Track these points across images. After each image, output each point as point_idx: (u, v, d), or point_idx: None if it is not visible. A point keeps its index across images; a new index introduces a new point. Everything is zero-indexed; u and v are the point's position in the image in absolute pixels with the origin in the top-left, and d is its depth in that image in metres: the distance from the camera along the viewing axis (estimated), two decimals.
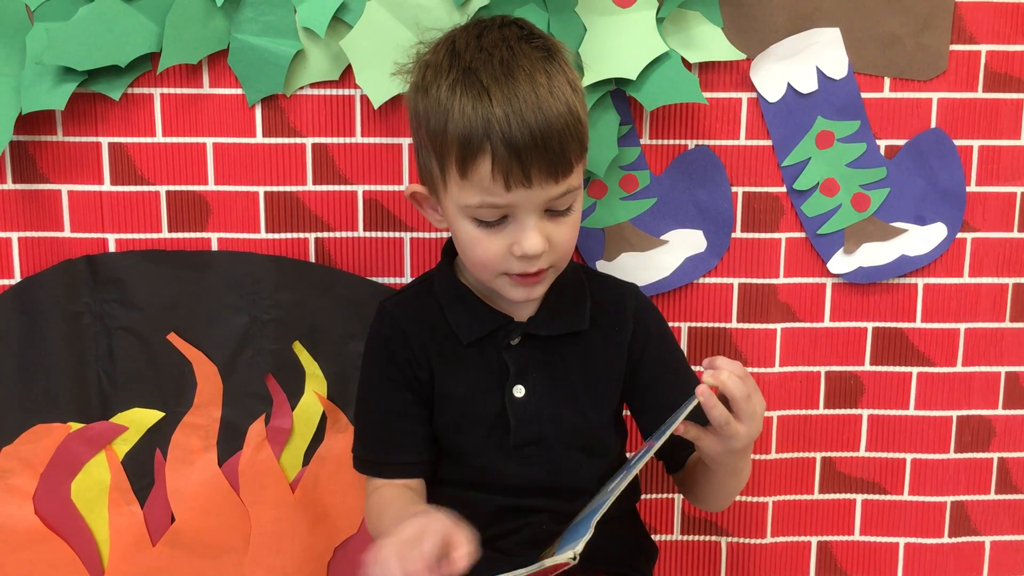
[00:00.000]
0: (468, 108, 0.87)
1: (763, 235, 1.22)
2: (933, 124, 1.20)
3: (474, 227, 0.92)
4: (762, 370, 1.25)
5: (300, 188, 1.19)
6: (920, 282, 1.24)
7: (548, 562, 0.82)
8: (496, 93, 0.87)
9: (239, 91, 1.16)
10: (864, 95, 1.19)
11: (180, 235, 1.19)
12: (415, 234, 1.21)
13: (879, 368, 1.26)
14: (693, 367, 1.24)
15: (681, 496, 1.29)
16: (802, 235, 1.22)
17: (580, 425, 1.01)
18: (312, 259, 1.20)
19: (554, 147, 0.87)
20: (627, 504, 1.06)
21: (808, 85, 1.18)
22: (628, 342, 1.02)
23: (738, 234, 1.22)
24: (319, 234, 1.20)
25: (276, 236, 1.20)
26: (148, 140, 1.17)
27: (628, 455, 1.05)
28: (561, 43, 0.95)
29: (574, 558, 0.81)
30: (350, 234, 1.20)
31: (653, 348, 1.03)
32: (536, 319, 1.01)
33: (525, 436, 1.00)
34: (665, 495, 1.29)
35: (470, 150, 0.87)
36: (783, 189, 1.21)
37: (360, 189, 1.19)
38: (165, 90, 1.15)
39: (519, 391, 1.00)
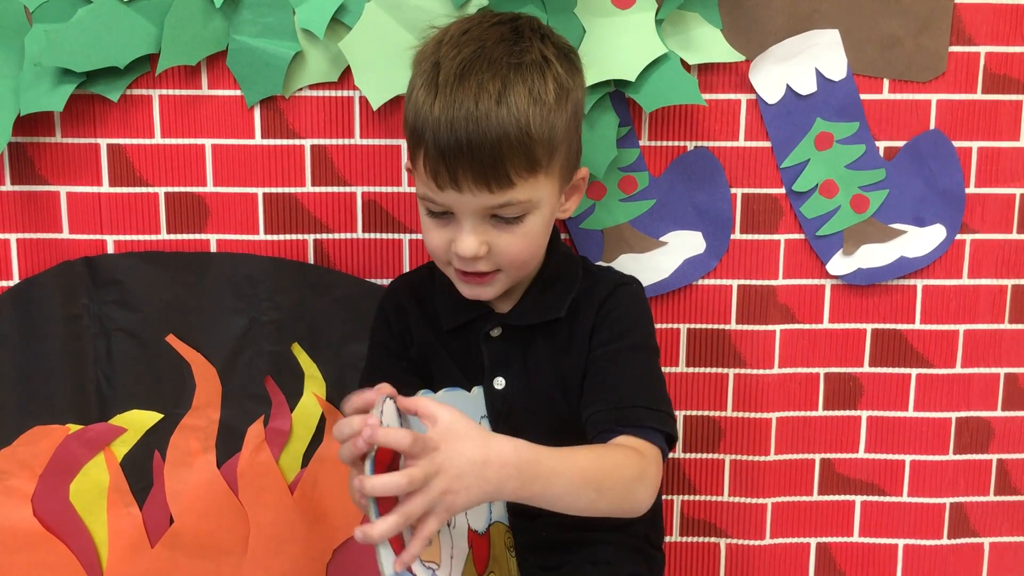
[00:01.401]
0: (419, 103, 0.90)
1: (762, 236, 1.22)
2: (932, 125, 1.20)
3: (426, 214, 0.95)
4: (761, 371, 1.25)
5: (299, 189, 1.19)
6: (919, 284, 1.24)
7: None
8: (442, 95, 0.88)
9: (238, 92, 1.16)
10: (863, 96, 1.19)
11: (179, 236, 1.19)
12: (414, 235, 1.21)
13: (878, 369, 1.26)
14: (697, 368, 1.25)
15: (680, 497, 1.29)
16: (801, 236, 1.22)
17: (556, 419, 1.00)
18: (311, 260, 1.20)
19: (483, 158, 0.87)
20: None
21: (807, 87, 1.18)
22: (589, 330, 1.00)
23: (737, 235, 1.22)
24: (318, 235, 1.20)
25: (275, 237, 1.19)
26: (147, 141, 1.17)
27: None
28: (559, 56, 0.93)
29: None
30: (349, 235, 1.20)
31: (605, 331, 0.99)
32: (516, 310, 1.01)
33: (503, 429, 0.98)
34: (664, 496, 1.28)
35: (413, 142, 0.92)
36: (782, 190, 1.21)
37: (359, 191, 1.19)
38: (164, 91, 1.15)
39: (499, 383, 1.00)
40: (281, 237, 1.20)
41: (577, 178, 0.99)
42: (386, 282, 1.21)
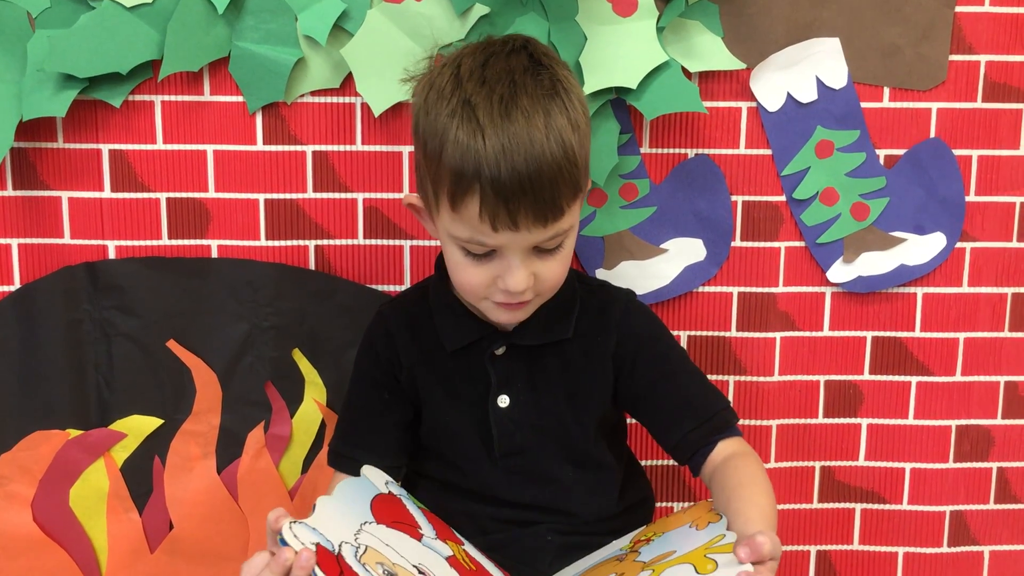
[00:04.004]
0: (462, 145, 0.85)
1: (762, 244, 1.22)
2: (932, 134, 1.20)
3: (462, 255, 0.92)
4: (761, 379, 1.25)
5: (300, 196, 1.19)
6: (919, 291, 1.24)
7: None
8: (490, 134, 0.84)
9: (240, 99, 1.16)
10: (863, 105, 1.19)
11: (180, 242, 1.19)
12: (415, 242, 1.21)
13: (878, 377, 1.26)
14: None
15: (681, 505, 1.29)
16: (801, 244, 1.22)
17: (562, 436, 1.01)
18: (312, 267, 1.20)
19: (544, 195, 0.86)
20: (642, 515, 1.07)
21: (808, 95, 1.18)
22: (612, 352, 1.00)
23: (738, 243, 1.22)
24: (319, 241, 1.20)
25: (276, 243, 1.20)
26: (149, 147, 1.17)
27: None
28: (568, 73, 0.92)
29: None
30: (350, 242, 1.20)
31: (645, 353, 1.01)
32: (521, 329, 1.00)
33: (508, 446, 1.00)
34: (667, 504, 1.28)
35: (460, 187, 0.86)
36: (782, 198, 1.21)
37: (360, 197, 1.19)
38: (166, 97, 1.16)
39: (503, 401, 1.00)
40: (282, 243, 1.20)
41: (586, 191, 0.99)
42: (388, 288, 1.21)
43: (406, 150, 1.18)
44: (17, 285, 1.19)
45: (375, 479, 0.93)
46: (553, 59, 0.93)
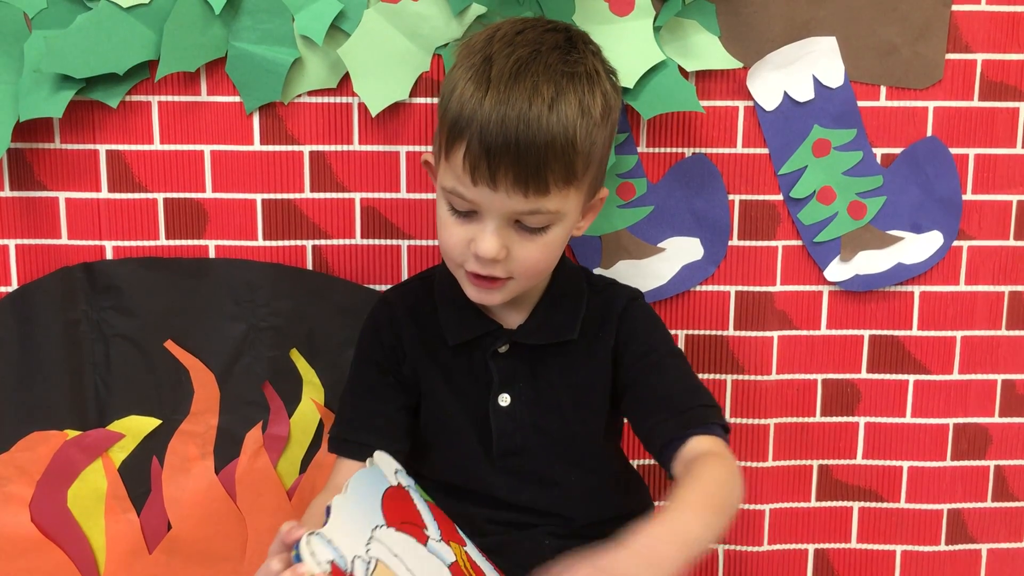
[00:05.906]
0: (467, 94, 0.88)
1: (760, 243, 1.22)
2: (929, 132, 1.20)
3: (447, 210, 0.93)
4: (759, 378, 1.25)
5: (298, 196, 1.19)
6: (916, 290, 1.24)
7: None
8: (494, 89, 0.86)
9: (237, 99, 1.16)
10: (860, 103, 1.19)
11: (177, 243, 1.19)
12: (412, 242, 1.21)
13: (876, 376, 1.26)
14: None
15: None
16: (799, 243, 1.22)
17: (565, 437, 1.00)
18: (309, 267, 1.20)
19: (528, 161, 0.86)
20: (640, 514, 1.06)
21: (805, 93, 1.18)
22: (611, 348, 1.00)
23: (735, 242, 1.22)
24: (316, 241, 1.20)
25: (273, 244, 1.20)
26: (146, 148, 1.17)
27: None
28: (604, 67, 0.93)
29: None
30: (347, 242, 1.20)
31: (635, 347, 1.00)
32: (525, 327, 1.00)
33: (508, 446, 1.00)
34: (661, 503, 1.28)
35: (453, 134, 0.88)
36: (780, 197, 1.21)
37: (357, 197, 1.19)
38: (163, 98, 1.16)
39: (504, 400, 0.99)
40: (280, 243, 1.20)
41: (597, 198, 0.98)
42: (385, 288, 1.21)
43: (403, 150, 1.18)
44: (15, 286, 1.19)
45: (386, 468, 0.91)
46: (593, 51, 0.94)
